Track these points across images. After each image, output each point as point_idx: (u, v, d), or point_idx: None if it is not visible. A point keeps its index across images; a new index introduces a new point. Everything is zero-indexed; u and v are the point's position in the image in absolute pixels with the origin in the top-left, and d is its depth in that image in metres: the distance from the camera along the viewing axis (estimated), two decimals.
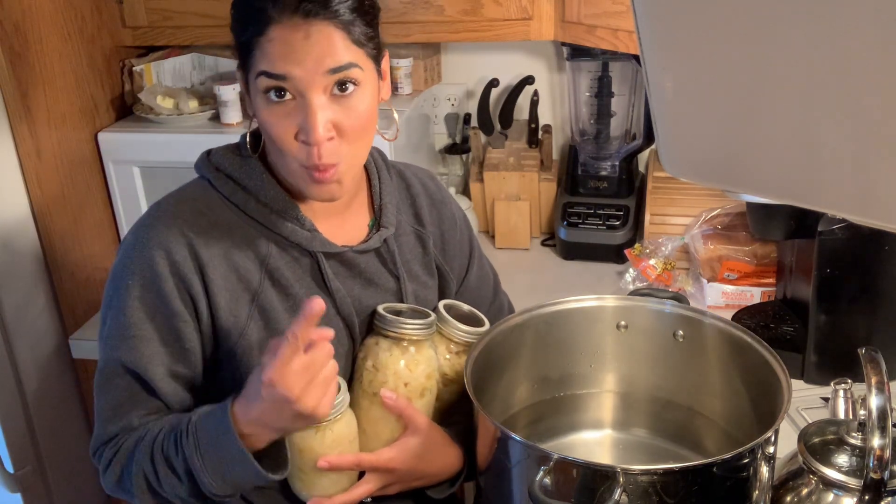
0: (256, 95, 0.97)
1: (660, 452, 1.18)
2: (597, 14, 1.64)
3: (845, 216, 0.59)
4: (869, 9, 0.47)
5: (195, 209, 1.03)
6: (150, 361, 1.00)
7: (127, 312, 1.00)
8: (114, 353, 1.01)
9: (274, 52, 0.93)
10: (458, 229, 1.25)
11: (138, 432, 1.01)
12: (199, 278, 1.00)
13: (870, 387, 0.88)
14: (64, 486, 1.82)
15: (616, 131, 1.99)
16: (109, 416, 1.03)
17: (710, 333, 1.14)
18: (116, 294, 1.01)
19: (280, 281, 1.04)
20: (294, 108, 0.95)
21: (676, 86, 0.63)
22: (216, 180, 1.05)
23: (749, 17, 0.54)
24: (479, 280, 1.28)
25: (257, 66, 0.95)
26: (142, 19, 1.92)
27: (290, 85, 0.94)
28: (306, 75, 0.93)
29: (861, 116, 0.51)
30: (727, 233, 1.70)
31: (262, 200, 1.04)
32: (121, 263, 1.01)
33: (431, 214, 1.21)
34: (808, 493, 0.99)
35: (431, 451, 1.08)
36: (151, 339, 1.00)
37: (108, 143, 1.86)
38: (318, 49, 0.93)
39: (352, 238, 1.11)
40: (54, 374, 1.78)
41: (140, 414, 1.02)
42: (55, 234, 1.75)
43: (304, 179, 1.00)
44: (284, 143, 0.97)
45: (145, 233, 1.01)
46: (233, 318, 1.02)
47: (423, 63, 2.02)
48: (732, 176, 0.63)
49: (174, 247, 0.99)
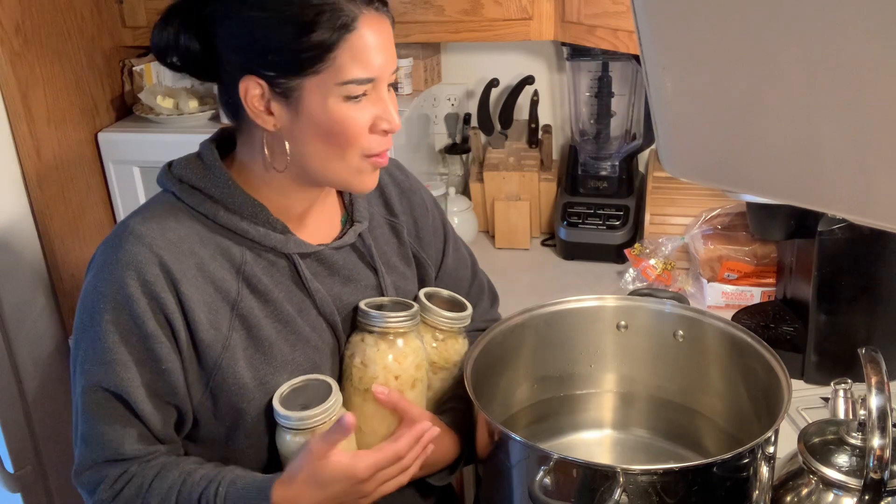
0: (328, 99, 0.96)
1: (660, 452, 1.18)
2: (597, 14, 1.64)
3: (845, 216, 0.59)
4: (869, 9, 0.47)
5: (163, 225, 1.00)
6: (130, 384, 0.97)
7: (101, 337, 0.97)
8: (92, 379, 0.98)
9: (365, 47, 0.94)
10: (431, 215, 1.24)
11: (139, 479, 0.99)
12: (174, 296, 0.97)
13: (870, 387, 0.88)
14: (64, 486, 1.82)
15: (616, 131, 1.99)
16: (97, 439, 1.00)
17: (710, 333, 1.14)
18: (89, 319, 0.98)
19: (258, 287, 1.02)
20: (366, 102, 0.98)
21: (676, 86, 0.63)
22: (181, 192, 1.02)
23: (749, 18, 0.54)
24: (456, 262, 1.28)
25: (342, 74, 0.94)
26: (142, 19, 1.92)
27: (372, 83, 0.97)
28: (387, 67, 0.97)
29: (861, 116, 0.51)
30: (727, 233, 1.70)
31: (230, 208, 1.02)
32: (91, 286, 0.99)
33: (402, 203, 1.21)
34: (808, 493, 0.99)
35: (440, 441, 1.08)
36: (128, 362, 0.97)
37: (108, 143, 1.86)
38: (389, 45, 0.98)
39: (326, 236, 1.11)
40: (54, 374, 1.78)
41: (131, 440, 0.99)
42: (55, 234, 1.76)
43: (365, 172, 1.01)
44: (360, 137, 0.98)
45: (113, 254, 0.98)
46: (214, 331, 0.99)
47: (423, 63, 2.02)
48: (732, 176, 0.63)
49: (144, 266, 0.96)
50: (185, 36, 1.00)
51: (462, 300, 1.18)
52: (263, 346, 1.01)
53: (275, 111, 0.97)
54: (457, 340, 1.16)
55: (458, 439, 1.12)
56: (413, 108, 1.95)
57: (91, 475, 1.02)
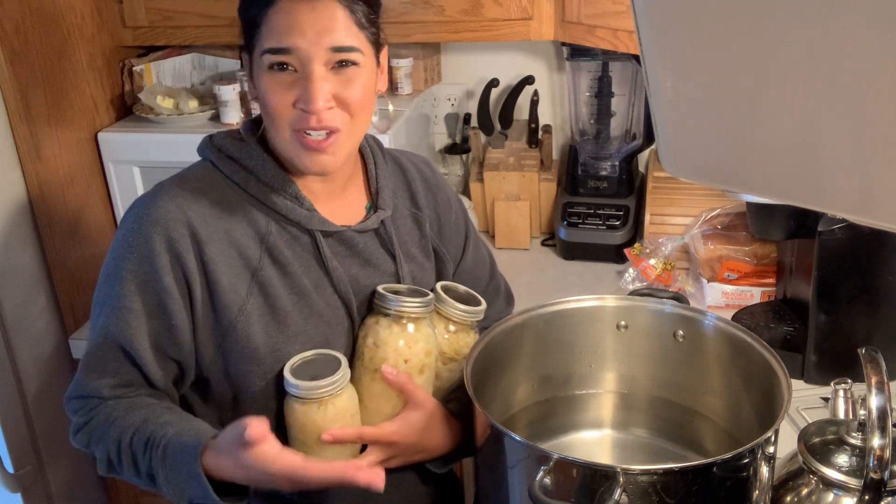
0: (260, 72, 1.02)
1: (660, 452, 1.18)
2: (597, 14, 1.64)
3: (845, 216, 0.59)
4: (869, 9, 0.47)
5: (196, 189, 1.06)
6: (135, 333, 1.03)
7: (119, 283, 1.03)
8: (101, 321, 1.05)
9: (280, 23, 0.98)
10: (454, 212, 1.27)
11: (109, 410, 1.05)
12: (196, 256, 1.03)
13: (870, 387, 0.88)
14: (64, 486, 1.82)
15: (616, 131, 1.99)
16: (88, 372, 1.06)
17: (710, 333, 1.14)
18: (113, 266, 1.04)
19: (279, 258, 1.07)
20: (295, 79, 1.00)
21: (676, 86, 0.63)
22: (218, 161, 1.08)
23: (749, 17, 0.54)
24: (475, 262, 1.31)
25: (263, 44, 1.00)
26: (142, 19, 1.92)
27: (293, 58, 0.99)
28: (309, 47, 0.98)
29: (861, 116, 0.51)
30: (727, 233, 1.70)
31: (262, 179, 1.07)
32: (121, 237, 1.05)
33: (427, 198, 1.23)
34: (808, 493, 0.99)
35: (432, 425, 1.10)
36: (139, 312, 1.03)
37: (108, 143, 1.86)
38: (320, 23, 0.99)
39: (349, 220, 1.13)
40: (54, 374, 1.78)
41: (112, 383, 1.05)
42: (55, 234, 1.75)
43: (297, 149, 1.03)
44: (281, 110, 1.01)
45: (144, 210, 1.04)
46: (233, 294, 1.04)
47: (423, 63, 2.02)
48: (732, 176, 0.63)
49: (172, 224, 1.02)
50: None
51: (478, 296, 1.21)
52: (279, 314, 1.06)
53: (254, 84, 1.05)
54: (468, 334, 1.18)
55: (459, 428, 1.14)
56: (413, 108, 1.95)
57: (76, 403, 1.08)
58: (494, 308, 1.31)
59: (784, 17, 0.52)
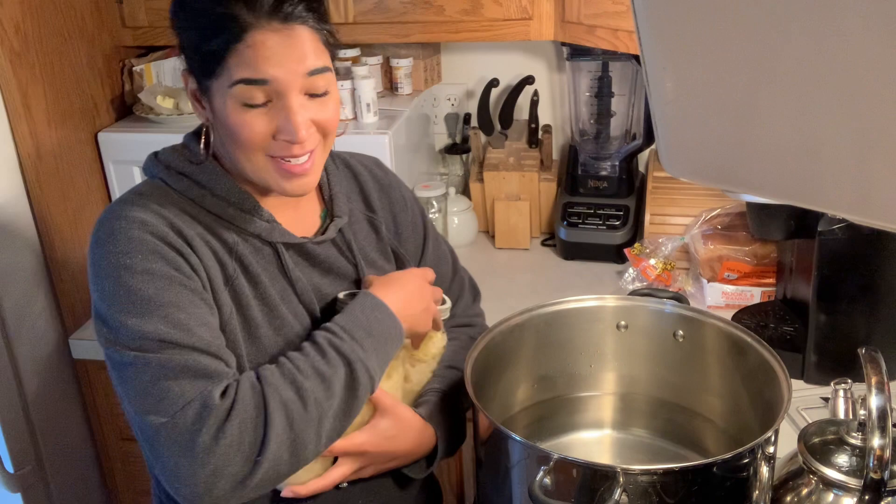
0: (227, 101, 0.96)
1: (660, 452, 1.18)
2: (597, 14, 1.64)
3: (845, 216, 0.59)
4: (869, 9, 0.47)
5: (158, 201, 1.01)
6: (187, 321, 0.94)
7: (138, 292, 0.94)
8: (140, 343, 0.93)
9: (255, 57, 0.94)
10: (410, 211, 1.25)
11: (246, 378, 0.95)
12: (190, 251, 0.98)
13: (870, 387, 0.88)
14: (64, 486, 1.82)
15: (616, 131, 1.99)
16: (175, 389, 0.92)
17: (710, 333, 1.14)
18: (114, 284, 0.94)
19: (249, 269, 1.04)
20: (271, 110, 0.97)
21: (676, 86, 0.63)
22: (169, 178, 1.03)
23: (749, 18, 0.54)
24: (436, 259, 1.29)
25: (233, 75, 0.95)
26: (142, 19, 1.92)
27: (269, 88, 0.95)
28: (287, 77, 0.95)
29: (861, 116, 0.51)
30: (727, 233, 1.70)
31: (217, 194, 1.03)
32: (104, 259, 0.96)
33: (381, 200, 1.22)
34: (808, 493, 0.99)
35: (402, 431, 1.09)
36: (174, 303, 0.94)
37: (108, 143, 1.86)
38: (297, 52, 0.95)
39: (307, 229, 1.12)
40: (54, 374, 1.78)
41: (207, 366, 0.94)
42: (55, 234, 1.75)
43: (275, 174, 1.01)
44: (257, 141, 0.98)
45: (119, 223, 0.97)
46: (223, 295, 1.01)
47: (423, 63, 2.02)
48: (732, 176, 0.63)
49: (157, 227, 0.97)
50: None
51: (443, 296, 1.19)
52: (250, 326, 1.02)
53: (204, 105, 1.02)
54: (436, 334, 1.17)
55: (432, 431, 1.12)
56: (413, 108, 1.94)
57: (191, 419, 0.91)
58: (461, 304, 1.31)
59: (783, 18, 0.52)
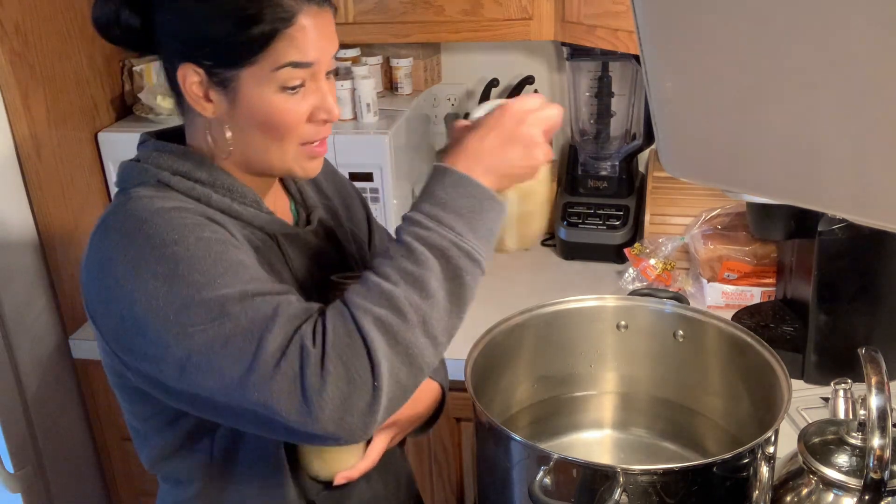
0: (264, 88, 0.94)
1: (660, 452, 1.18)
2: (597, 14, 1.64)
3: (845, 216, 0.59)
4: (868, 9, 0.47)
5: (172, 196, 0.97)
6: (257, 273, 0.91)
7: (200, 260, 0.89)
8: (221, 308, 0.86)
9: (305, 39, 0.94)
10: (352, 193, 1.27)
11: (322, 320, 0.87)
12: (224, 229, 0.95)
13: (870, 387, 0.88)
14: (64, 486, 1.82)
15: (616, 131, 1.99)
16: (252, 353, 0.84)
17: (710, 333, 1.14)
18: (171, 265, 0.88)
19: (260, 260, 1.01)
20: (306, 92, 0.97)
21: (676, 86, 0.63)
22: (170, 180, 0.99)
23: (749, 18, 0.54)
24: (380, 236, 1.30)
25: (280, 59, 0.93)
26: None
27: (310, 71, 0.96)
28: (324, 58, 0.97)
29: (861, 116, 0.51)
30: (727, 233, 1.70)
31: (220, 191, 1.01)
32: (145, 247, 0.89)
33: (330, 187, 1.23)
34: (808, 493, 0.99)
35: (422, 391, 1.11)
36: (239, 261, 0.91)
37: (108, 143, 1.86)
38: (330, 33, 0.98)
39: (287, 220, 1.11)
40: (54, 374, 1.78)
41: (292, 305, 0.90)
42: (55, 233, 1.75)
43: (302, 158, 1.01)
44: (295, 127, 0.97)
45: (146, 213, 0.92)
46: None
47: (423, 63, 2.02)
48: (732, 176, 0.63)
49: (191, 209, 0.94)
50: (127, 12, 0.97)
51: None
52: None
53: (213, 99, 0.96)
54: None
55: (437, 386, 1.16)
56: (413, 108, 1.94)
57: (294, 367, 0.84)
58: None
59: (783, 18, 0.52)
